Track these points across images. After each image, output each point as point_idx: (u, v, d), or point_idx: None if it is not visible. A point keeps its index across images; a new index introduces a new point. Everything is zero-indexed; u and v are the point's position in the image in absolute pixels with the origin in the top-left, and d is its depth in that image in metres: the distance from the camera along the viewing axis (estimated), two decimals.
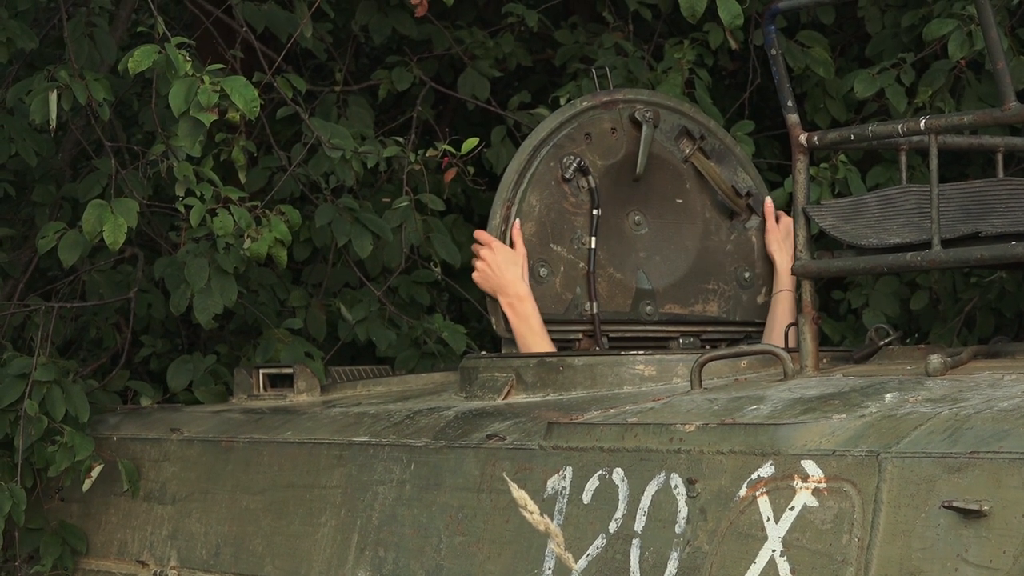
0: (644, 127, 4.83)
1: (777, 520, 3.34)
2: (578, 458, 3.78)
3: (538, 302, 4.71)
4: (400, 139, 5.67)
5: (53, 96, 5.01)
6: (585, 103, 4.86)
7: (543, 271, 4.72)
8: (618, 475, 3.68)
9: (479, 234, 4.71)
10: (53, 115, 5.02)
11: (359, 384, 5.08)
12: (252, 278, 5.86)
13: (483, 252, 4.67)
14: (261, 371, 5.34)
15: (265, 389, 5.31)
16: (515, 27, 6.47)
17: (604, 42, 6.29)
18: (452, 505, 4.04)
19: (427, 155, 5.49)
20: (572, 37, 6.50)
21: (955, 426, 3.19)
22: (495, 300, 4.69)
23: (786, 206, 5.12)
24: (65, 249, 5.15)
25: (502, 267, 4.65)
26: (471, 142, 5.41)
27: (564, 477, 3.79)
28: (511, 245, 4.67)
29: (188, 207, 5.07)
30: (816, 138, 3.98)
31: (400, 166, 5.52)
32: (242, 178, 5.29)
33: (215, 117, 4.80)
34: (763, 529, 3.36)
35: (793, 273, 4.04)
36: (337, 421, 4.63)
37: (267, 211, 5.20)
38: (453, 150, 5.42)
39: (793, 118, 4.00)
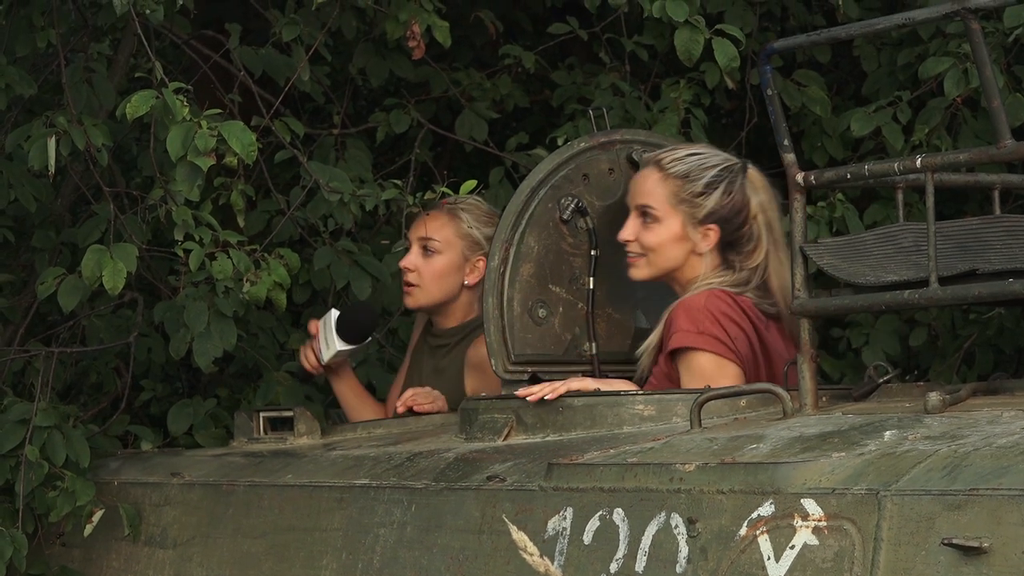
0: (641, 167, 4.85)
1: (778, 559, 3.34)
2: (578, 499, 3.78)
3: (537, 343, 4.72)
4: (398, 182, 5.68)
5: (52, 142, 5.02)
6: (582, 144, 4.87)
7: (542, 312, 4.73)
8: (618, 515, 3.68)
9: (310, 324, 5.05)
10: (52, 161, 5.03)
11: (359, 427, 5.08)
12: (252, 321, 5.87)
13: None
14: (261, 414, 5.34)
15: (265, 432, 5.31)
16: (512, 69, 6.49)
17: (601, 83, 6.31)
18: (453, 547, 4.04)
19: (425, 197, 5.50)
20: (569, 78, 6.52)
21: (954, 463, 3.19)
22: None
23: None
24: (65, 294, 5.16)
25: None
26: (469, 184, 5.41)
27: (564, 518, 3.79)
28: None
29: (187, 251, 5.07)
30: (813, 177, 3.99)
31: (399, 208, 5.53)
32: (241, 222, 5.30)
33: (213, 162, 4.81)
34: (764, 568, 3.36)
35: (792, 312, 4.04)
36: (337, 464, 4.63)
37: (266, 255, 5.20)
38: (451, 192, 5.43)
39: (790, 157, 4.01)
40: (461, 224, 5.17)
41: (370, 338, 5.23)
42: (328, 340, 5.02)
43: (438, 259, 5.13)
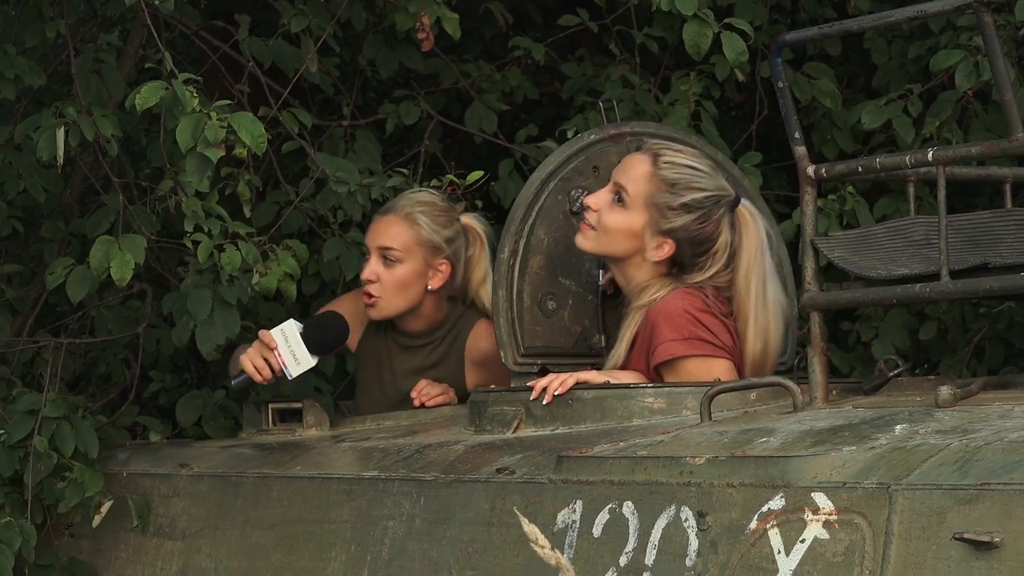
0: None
1: (788, 553, 3.34)
2: (588, 492, 3.78)
3: (547, 336, 4.73)
4: (404, 170, 5.68)
5: (61, 132, 5.02)
6: (592, 136, 4.88)
7: (551, 304, 4.73)
8: (628, 508, 3.68)
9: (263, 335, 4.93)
10: (61, 151, 5.03)
11: (368, 418, 5.07)
12: (262, 312, 5.87)
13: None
14: (270, 406, 5.34)
15: (274, 424, 5.31)
16: (522, 60, 6.50)
17: (611, 75, 6.31)
18: (462, 539, 4.04)
19: (432, 186, 5.50)
20: (579, 70, 6.52)
21: (966, 458, 3.19)
22: None
23: (794, 238, 5.12)
24: (73, 285, 5.16)
25: None
26: (476, 174, 5.42)
27: (574, 511, 3.79)
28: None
29: (196, 243, 5.08)
30: (824, 170, 3.99)
31: None
32: (247, 212, 5.29)
33: (222, 153, 4.81)
34: (774, 562, 3.36)
35: (802, 305, 4.04)
36: (346, 456, 4.64)
37: (274, 246, 5.21)
38: (458, 181, 5.43)
39: (800, 150, 4.01)
40: (420, 230, 5.09)
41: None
42: (297, 354, 4.88)
43: (399, 268, 5.07)
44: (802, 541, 3.33)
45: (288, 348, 4.84)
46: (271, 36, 5.93)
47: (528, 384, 4.47)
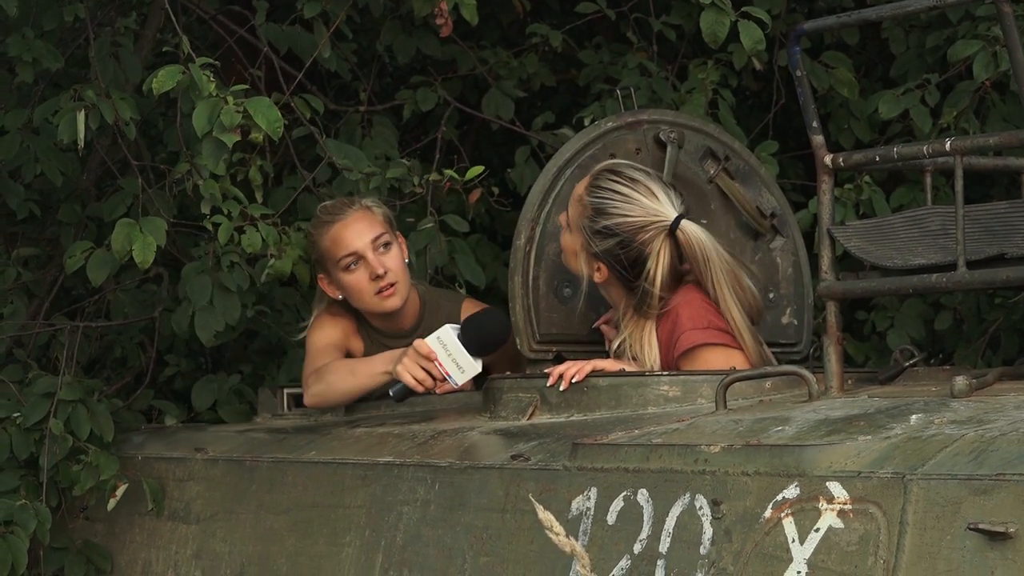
0: (669, 148, 4.84)
1: (802, 542, 3.35)
2: (603, 479, 3.79)
3: (562, 323, 4.73)
4: (405, 161, 5.69)
5: (81, 115, 5.03)
6: (609, 124, 4.88)
7: (567, 291, 4.73)
8: (643, 496, 3.69)
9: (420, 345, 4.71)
10: (81, 134, 5.04)
11: (383, 404, 5.08)
12: (276, 297, 5.89)
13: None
14: (285, 391, 5.36)
15: (289, 408, 5.33)
16: (539, 47, 6.50)
17: (628, 62, 6.31)
18: (477, 525, 4.05)
19: (431, 179, 5.51)
20: (596, 57, 6.52)
21: (981, 448, 3.19)
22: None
23: (811, 227, 5.13)
24: (94, 268, 5.17)
25: None
26: (475, 169, 5.45)
27: (589, 498, 3.80)
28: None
29: (216, 224, 5.08)
30: (841, 159, 3.99)
31: (426, 187, 5.55)
32: (259, 198, 5.30)
33: (238, 138, 4.82)
34: (788, 551, 3.36)
35: (818, 294, 4.04)
36: (361, 441, 4.65)
37: (286, 228, 5.22)
38: (458, 176, 5.45)
39: (818, 139, 4.01)
40: (380, 212, 5.12)
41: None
42: (460, 362, 4.67)
43: (394, 248, 5.07)
44: (816, 530, 3.33)
45: (449, 356, 4.67)
46: (286, 22, 5.94)
47: (544, 371, 4.47)
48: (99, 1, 5.73)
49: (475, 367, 4.70)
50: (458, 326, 4.71)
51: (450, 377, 4.68)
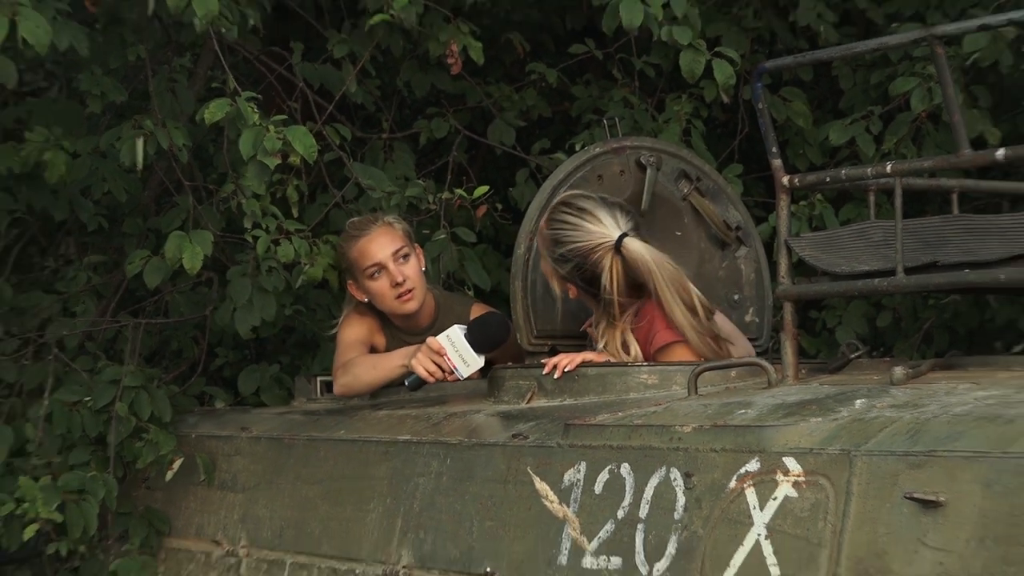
0: (648, 170, 4.84)
1: (762, 508, 3.35)
2: (591, 455, 3.79)
3: (557, 322, 4.73)
4: (421, 181, 5.70)
5: (140, 142, 5.04)
6: (597, 149, 4.87)
7: (560, 299, 4.72)
8: (625, 469, 3.69)
9: (431, 342, 4.70)
10: (140, 158, 5.05)
11: (402, 391, 5.07)
12: (311, 299, 5.89)
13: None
14: (319, 378, 5.36)
15: (322, 394, 5.33)
16: (537, 83, 6.50)
17: (613, 96, 6.31)
18: (483, 495, 4.05)
19: (443, 197, 5.53)
20: (586, 92, 6.52)
21: (916, 428, 3.19)
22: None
23: (770, 238, 5.13)
24: (150, 273, 5.17)
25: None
26: (481, 189, 5.47)
27: (579, 471, 3.80)
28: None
29: (255, 237, 5.09)
30: (797, 180, 3.99)
31: (439, 204, 5.56)
32: (294, 213, 5.29)
33: (279, 161, 4.82)
34: (750, 516, 3.36)
35: (777, 296, 4.04)
36: (384, 422, 4.65)
37: (317, 240, 5.22)
38: (467, 195, 5.47)
39: (777, 163, 4.01)
40: (400, 227, 5.14)
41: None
42: (466, 357, 4.68)
43: (412, 259, 5.09)
44: (774, 499, 3.34)
45: (456, 352, 4.67)
46: (319, 61, 5.95)
47: (541, 361, 4.48)
48: (158, 43, 5.73)
49: (478, 362, 4.69)
50: (465, 326, 4.71)
51: (457, 370, 4.68)
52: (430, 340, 4.68)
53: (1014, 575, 2.92)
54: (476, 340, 4.69)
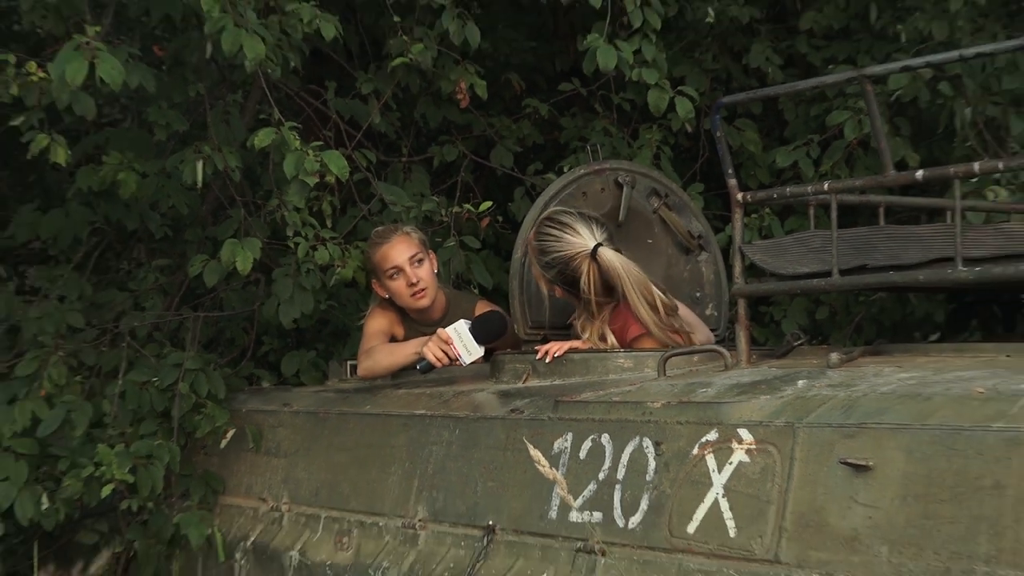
0: (624, 188, 4.84)
1: (720, 471, 3.34)
2: (576, 426, 3.79)
3: (542, 314, 4.73)
4: (435, 198, 5.71)
5: (199, 164, 5.04)
6: (582, 170, 4.87)
7: (548, 299, 4.73)
8: (605, 439, 3.69)
9: (441, 332, 4.70)
10: (199, 177, 5.05)
11: (416, 374, 5.08)
12: (342, 295, 5.89)
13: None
14: (348, 363, 5.35)
15: (351, 376, 5.32)
16: (531, 115, 6.51)
17: (595, 126, 6.32)
18: (485, 460, 4.04)
19: (453, 211, 5.54)
20: (572, 123, 6.53)
21: (849, 404, 3.19)
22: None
23: (727, 245, 5.13)
24: (208, 274, 5.17)
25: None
26: (486, 204, 5.47)
27: (566, 440, 3.79)
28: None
29: (296, 244, 5.10)
30: (749, 196, 3.99)
31: (450, 217, 5.57)
32: (329, 223, 5.30)
33: (316, 180, 4.83)
34: (710, 478, 3.36)
35: (732, 294, 4.04)
36: (403, 398, 4.64)
37: (348, 246, 5.23)
38: (474, 209, 5.48)
39: (732, 182, 4.01)
40: (416, 236, 5.12)
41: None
42: (469, 347, 4.68)
43: (425, 263, 5.07)
44: (730, 463, 3.33)
45: (461, 343, 4.67)
46: (350, 96, 5.95)
47: (534, 348, 4.48)
48: (214, 81, 5.73)
49: (479, 352, 4.69)
50: (470, 322, 4.71)
51: (461, 357, 4.68)
52: (440, 331, 4.69)
53: (931, 527, 2.92)
54: (478, 333, 4.69)
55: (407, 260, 5.05)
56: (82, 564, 5.39)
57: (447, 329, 4.68)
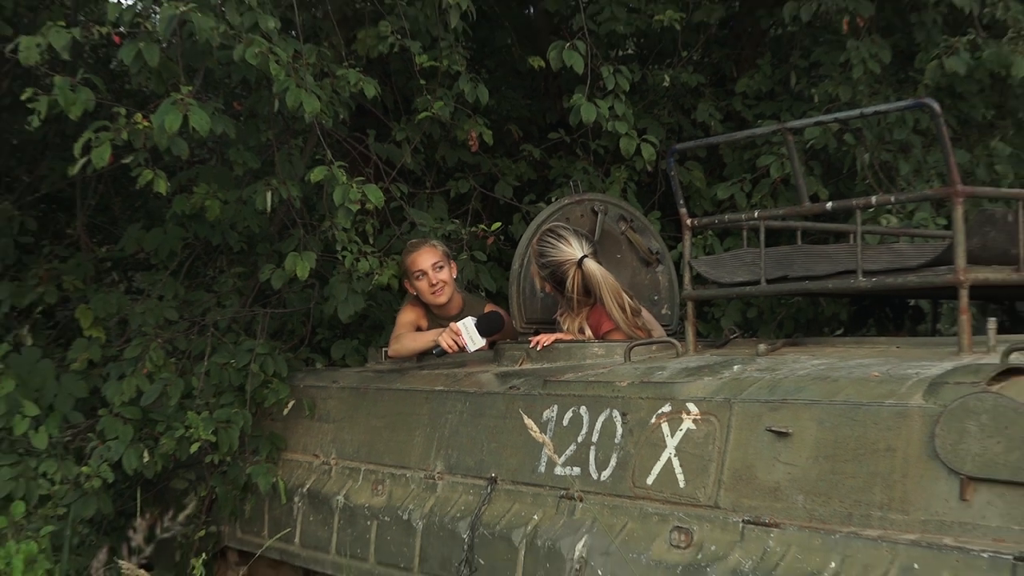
0: (599, 215, 4.84)
1: (672, 436, 3.34)
2: (561, 400, 3.79)
3: (534, 312, 4.73)
4: (456, 221, 5.70)
5: (268, 194, 5.03)
6: (565, 201, 4.87)
7: (542, 294, 4.73)
8: (583, 410, 3.68)
9: (452, 326, 4.70)
10: (268, 204, 5.04)
11: (434, 358, 5.06)
12: (379, 297, 5.89)
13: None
14: (383, 350, 5.34)
15: (384, 360, 5.31)
16: (527, 157, 6.50)
17: (577, 166, 6.31)
18: (490, 426, 4.04)
19: (471, 231, 5.53)
20: (559, 163, 6.51)
21: (773, 384, 3.18)
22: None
23: (678, 260, 5.12)
24: (275, 279, 5.16)
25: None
26: (496, 225, 5.48)
27: (553, 411, 3.79)
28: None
29: (343, 256, 5.09)
30: (696, 222, 3.98)
31: (466, 235, 5.58)
32: (370, 240, 5.29)
33: (359, 207, 4.82)
34: (664, 441, 3.36)
35: (683, 298, 4.04)
36: (425, 378, 4.64)
37: (386, 258, 5.22)
38: (487, 228, 5.48)
39: (683, 210, 4.01)
40: (440, 247, 5.10)
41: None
42: (474, 338, 4.69)
43: (446, 269, 5.06)
44: (681, 430, 3.33)
45: (468, 334, 4.69)
46: (387, 142, 5.94)
47: (528, 338, 4.47)
48: (280, 129, 5.72)
49: (482, 342, 4.71)
50: (476, 319, 4.73)
51: (467, 346, 4.70)
52: (452, 325, 4.72)
53: (837, 481, 2.92)
54: (481, 328, 4.71)
55: (431, 266, 5.05)
56: (175, 505, 5.38)
57: (458, 323, 4.70)
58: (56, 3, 5.28)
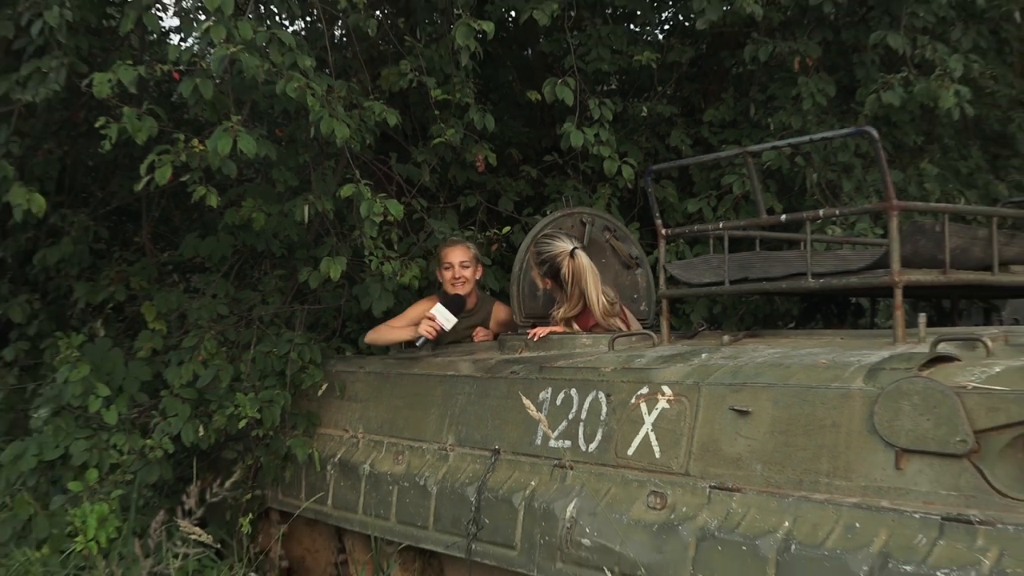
0: (587, 225, 4.83)
1: (650, 414, 3.33)
2: (555, 383, 3.78)
3: (531, 308, 4.72)
4: (472, 228, 5.68)
5: (306, 207, 5.01)
6: (558, 213, 4.86)
7: (539, 293, 4.71)
8: (573, 392, 3.67)
9: (428, 313, 4.72)
10: (306, 216, 5.02)
11: (449, 347, 5.05)
12: (401, 295, 5.87)
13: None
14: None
15: (405, 348, 5.30)
16: (526, 177, 6.48)
17: (568, 184, 6.29)
18: (494, 406, 4.03)
19: (483, 236, 5.52)
20: (553, 182, 6.50)
21: (736, 370, 3.17)
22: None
23: (655, 264, 5.11)
24: (311, 280, 5.14)
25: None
26: (506, 228, 5.46)
27: (548, 392, 3.78)
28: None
29: (371, 260, 5.07)
30: (669, 231, 3.97)
31: (482, 241, 5.58)
32: (395, 247, 5.28)
33: (382, 219, 4.81)
34: (643, 419, 3.35)
35: (658, 296, 4.02)
36: (440, 363, 4.63)
37: (408, 261, 5.21)
38: (499, 232, 5.46)
39: (659, 222, 4.00)
40: (471, 249, 5.08)
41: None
42: (447, 319, 4.75)
43: (470, 268, 5.04)
44: (657, 409, 3.32)
45: (442, 317, 4.74)
46: (407, 163, 5.92)
47: (527, 330, 4.46)
48: (316, 153, 5.70)
49: (454, 320, 4.74)
50: (442, 304, 4.77)
51: (444, 326, 4.73)
52: (426, 313, 4.76)
53: (790, 452, 2.90)
54: (451, 309, 4.77)
55: (459, 262, 5.05)
56: (225, 473, 5.37)
57: (431, 311, 4.76)
58: (125, 44, 5.27)
